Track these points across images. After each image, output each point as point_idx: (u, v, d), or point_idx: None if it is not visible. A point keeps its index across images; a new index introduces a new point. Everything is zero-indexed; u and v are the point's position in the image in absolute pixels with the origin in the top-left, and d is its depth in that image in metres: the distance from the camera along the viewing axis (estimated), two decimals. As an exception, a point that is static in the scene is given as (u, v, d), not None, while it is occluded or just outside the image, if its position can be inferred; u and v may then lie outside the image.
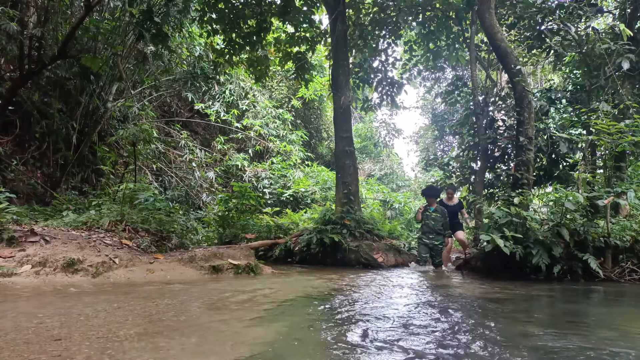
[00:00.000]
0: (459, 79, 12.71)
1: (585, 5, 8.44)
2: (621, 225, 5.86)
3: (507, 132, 9.80)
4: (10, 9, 6.98)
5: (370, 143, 23.65)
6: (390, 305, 3.46)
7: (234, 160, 13.77)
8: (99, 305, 2.95)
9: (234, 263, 5.34)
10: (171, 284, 4.26)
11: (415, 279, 5.61)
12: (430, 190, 7.85)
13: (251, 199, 9.24)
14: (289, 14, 9.75)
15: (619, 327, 2.73)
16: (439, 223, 7.29)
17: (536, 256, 5.27)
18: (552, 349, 2.12)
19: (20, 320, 2.44)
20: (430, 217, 7.35)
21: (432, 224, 7.30)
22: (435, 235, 7.25)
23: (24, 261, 4.08)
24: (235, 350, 2.00)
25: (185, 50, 11.77)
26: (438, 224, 7.29)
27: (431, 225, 7.29)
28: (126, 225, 5.53)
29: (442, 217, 7.33)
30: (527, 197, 6.23)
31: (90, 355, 1.87)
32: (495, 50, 8.36)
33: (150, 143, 8.85)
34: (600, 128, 5.91)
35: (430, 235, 7.28)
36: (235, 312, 2.93)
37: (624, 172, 7.55)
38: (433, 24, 11.43)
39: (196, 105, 13.84)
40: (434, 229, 7.25)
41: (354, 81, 11.76)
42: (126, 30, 8.87)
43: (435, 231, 7.25)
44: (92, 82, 8.51)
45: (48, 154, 8.33)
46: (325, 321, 2.75)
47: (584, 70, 9.09)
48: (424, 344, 2.20)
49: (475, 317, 3.03)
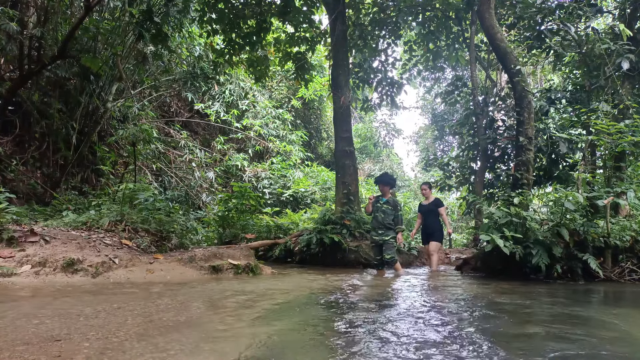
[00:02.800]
0: (459, 79, 12.72)
1: (585, 6, 8.44)
2: (621, 225, 5.86)
3: (507, 132, 9.81)
4: (10, 9, 6.98)
5: (370, 143, 23.66)
6: (391, 306, 3.46)
7: (233, 161, 13.77)
8: (98, 305, 2.95)
9: (234, 263, 5.34)
10: (171, 284, 4.25)
11: (414, 279, 5.61)
12: (385, 177, 6.76)
13: (251, 199, 9.24)
14: (288, 14, 9.76)
15: (619, 328, 2.73)
16: (389, 217, 6.34)
17: (536, 256, 5.27)
18: (551, 349, 2.12)
19: (20, 320, 2.44)
20: (381, 209, 6.40)
21: (382, 217, 6.34)
22: (385, 230, 6.30)
23: (24, 261, 4.08)
24: (235, 350, 2.00)
25: (185, 50, 11.77)
26: (388, 218, 6.33)
27: (380, 219, 6.35)
28: (126, 226, 5.53)
29: (393, 210, 6.39)
30: (527, 197, 6.23)
31: (90, 355, 1.87)
32: (495, 50, 8.36)
33: (150, 143, 8.86)
34: (600, 128, 5.91)
35: (379, 231, 6.34)
36: (235, 312, 2.93)
37: (624, 172, 7.54)
38: (433, 24, 11.44)
39: (196, 105, 13.84)
40: (383, 223, 6.32)
41: (353, 81, 11.76)
42: (126, 31, 8.87)
43: (385, 225, 6.31)
44: (92, 82, 8.51)
45: (48, 154, 8.33)
46: (325, 321, 2.75)
47: (584, 70, 9.10)
48: (424, 343, 2.20)
49: (474, 317, 3.03)
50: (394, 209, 6.40)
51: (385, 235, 6.27)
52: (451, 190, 12.17)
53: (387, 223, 6.30)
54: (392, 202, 6.45)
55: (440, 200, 7.32)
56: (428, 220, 7.24)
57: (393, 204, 6.44)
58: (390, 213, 6.36)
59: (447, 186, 11.33)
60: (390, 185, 6.62)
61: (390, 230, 6.31)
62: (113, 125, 10.12)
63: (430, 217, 7.22)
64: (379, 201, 6.44)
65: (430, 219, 7.22)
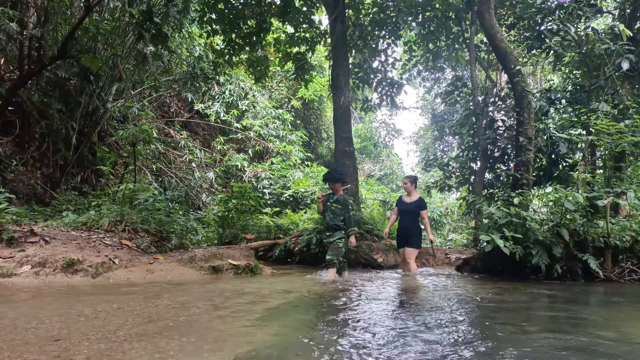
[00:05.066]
0: (459, 79, 12.72)
1: (585, 6, 8.44)
2: (621, 226, 5.86)
3: (506, 133, 9.81)
4: (10, 10, 6.98)
5: (370, 143, 23.66)
6: (391, 306, 3.46)
7: (233, 161, 13.77)
8: (98, 305, 2.95)
9: (234, 263, 5.34)
10: (171, 284, 4.25)
11: (412, 279, 5.61)
12: (333, 174, 5.82)
13: (251, 200, 9.24)
14: (288, 15, 9.76)
15: (618, 328, 2.73)
16: (338, 217, 5.57)
17: (536, 256, 5.27)
18: (551, 349, 2.12)
19: (20, 320, 2.44)
20: (330, 208, 5.64)
21: (330, 217, 5.60)
22: (333, 232, 5.57)
23: (24, 262, 4.08)
24: (235, 350, 2.00)
25: (185, 51, 11.77)
26: (337, 218, 5.57)
27: (328, 220, 5.63)
28: (126, 226, 5.53)
29: (342, 210, 5.60)
30: (526, 198, 6.23)
31: (90, 355, 1.87)
32: (495, 50, 8.36)
33: (150, 143, 8.85)
34: (599, 128, 5.91)
35: (327, 233, 5.68)
36: (234, 312, 2.93)
37: (624, 172, 7.54)
38: (433, 24, 11.44)
39: (196, 105, 13.85)
40: (330, 224, 5.59)
41: (353, 81, 11.76)
42: (126, 31, 8.87)
43: (332, 227, 5.58)
44: (92, 83, 8.51)
45: (48, 154, 8.33)
46: (325, 321, 2.75)
47: (584, 70, 9.10)
48: (423, 343, 2.20)
49: (473, 317, 3.03)
50: (343, 208, 5.61)
51: (332, 237, 5.55)
52: (451, 191, 12.17)
53: (335, 224, 5.56)
54: (342, 201, 5.65)
55: (424, 201, 6.46)
56: (406, 221, 6.38)
57: (343, 202, 5.63)
58: (339, 213, 5.60)
59: (447, 186, 11.33)
60: (340, 181, 5.81)
61: (338, 231, 5.56)
62: (113, 126, 10.12)
63: (409, 218, 6.37)
64: (329, 199, 5.72)
65: (409, 220, 6.37)
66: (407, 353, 2.03)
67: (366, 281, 5.24)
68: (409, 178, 6.66)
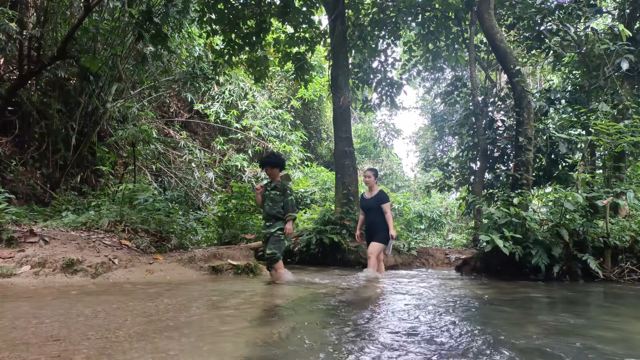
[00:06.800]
0: (459, 79, 12.72)
1: (585, 6, 8.45)
2: (620, 226, 5.86)
3: (506, 133, 9.82)
4: (10, 10, 6.98)
5: (370, 143, 23.66)
6: (391, 306, 3.46)
7: (233, 161, 13.77)
8: (98, 305, 2.94)
9: (234, 263, 5.34)
10: (170, 284, 4.25)
11: (412, 279, 5.61)
12: (271, 158, 5.27)
13: (251, 200, 9.23)
14: (288, 15, 9.76)
15: (618, 328, 2.73)
16: (278, 204, 5.03)
17: (535, 256, 5.27)
18: (551, 349, 2.12)
19: (19, 320, 2.44)
20: (269, 197, 5.10)
21: (269, 206, 5.06)
22: (274, 221, 5.02)
23: (23, 262, 4.08)
24: (234, 351, 2.00)
25: (185, 51, 11.77)
26: (277, 206, 5.03)
27: (267, 209, 5.08)
28: (125, 226, 5.53)
29: (281, 196, 5.07)
30: (526, 198, 6.23)
31: (90, 355, 1.86)
32: (494, 50, 8.37)
33: (149, 143, 8.85)
34: (599, 128, 5.91)
35: (267, 223, 5.09)
36: (234, 312, 2.93)
37: (623, 173, 7.55)
38: (432, 25, 11.44)
39: (195, 105, 13.84)
40: (270, 213, 5.05)
41: (353, 82, 11.76)
42: (125, 31, 8.87)
43: (273, 216, 5.04)
44: (92, 83, 8.51)
45: (47, 154, 8.33)
46: (325, 321, 2.75)
47: (583, 70, 9.10)
48: (423, 345, 2.20)
49: (473, 317, 3.04)
50: (282, 194, 5.07)
51: (272, 227, 4.99)
52: (451, 191, 12.18)
53: (275, 212, 5.02)
54: (280, 187, 5.12)
55: (385, 195, 6.02)
56: (371, 218, 5.97)
57: (281, 188, 5.10)
58: (278, 200, 5.05)
59: (447, 186, 11.33)
60: (278, 166, 5.23)
61: (280, 220, 5.01)
62: (112, 126, 10.11)
63: (373, 214, 5.92)
64: (267, 188, 5.21)
65: (373, 216, 5.92)
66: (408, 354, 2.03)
67: (366, 282, 5.24)
68: (372, 170, 6.13)
